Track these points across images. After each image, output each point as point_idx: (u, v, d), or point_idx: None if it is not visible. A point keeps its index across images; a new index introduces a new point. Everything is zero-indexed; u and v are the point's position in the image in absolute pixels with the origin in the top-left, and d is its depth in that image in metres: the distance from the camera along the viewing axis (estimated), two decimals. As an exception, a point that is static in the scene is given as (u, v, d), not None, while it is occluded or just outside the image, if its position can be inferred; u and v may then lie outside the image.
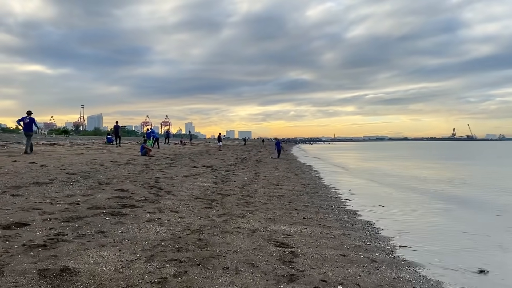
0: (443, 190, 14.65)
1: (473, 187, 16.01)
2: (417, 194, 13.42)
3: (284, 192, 11.49)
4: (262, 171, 18.48)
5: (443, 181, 18.22)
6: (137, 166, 15.37)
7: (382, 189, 14.67)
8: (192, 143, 58.63)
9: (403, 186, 15.75)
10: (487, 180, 19.36)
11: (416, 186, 15.97)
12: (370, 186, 15.71)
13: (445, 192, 14.06)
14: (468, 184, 17.01)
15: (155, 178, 11.96)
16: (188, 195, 9.40)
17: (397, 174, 21.93)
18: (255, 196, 10.20)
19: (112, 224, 5.97)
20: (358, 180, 18.11)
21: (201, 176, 13.69)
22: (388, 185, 15.92)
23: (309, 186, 13.76)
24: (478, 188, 15.48)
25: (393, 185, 16.15)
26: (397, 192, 13.84)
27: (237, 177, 14.47)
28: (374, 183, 16.66)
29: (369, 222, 8.12)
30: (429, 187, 15.58)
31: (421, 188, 15.33)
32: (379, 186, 15.78)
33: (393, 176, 20.72)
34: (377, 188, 14.97)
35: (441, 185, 16.34)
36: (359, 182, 17.15)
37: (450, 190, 14.73)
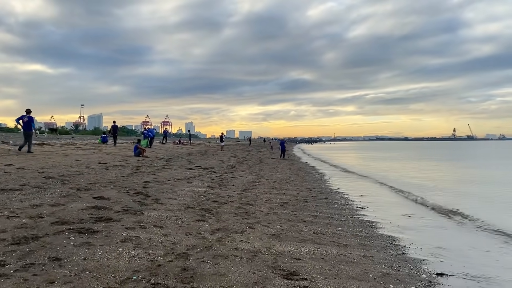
0: (467, 195, 13.41)
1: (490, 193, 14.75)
2: (439, 201, 12.17)
3: (289, 198, 10.23)
4: (263, 173, 17.23)
5: (460, 184, 16.98)
6: (127, 168, 14.11)
7: (394, 194, 13.41)
8: (192, 143, 57.37)
9: (419, 190, 14.50)
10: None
11: (434, 192, 14.71)
12: (381, 190, 14.45)
13: (473, 197, 12.82)
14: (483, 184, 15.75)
15: (143, 182, 10.70)
16: (179, 203, 8.14)
17: (407, 176, 20.67)
18: (255, 203, 8.95)
19: (75, 247, 4.72)
20: (367, 183, 16.86)
21: (197, 180, 12.44)
22: (400, 189, 14.66)
23: (315, 190, 12.51)
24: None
25: (405, 188, 14.90)
26: (411, 198, 12.58)
27: (236, 181, 13.22)
28: (385, 187, 15.40)
29: (391, 237, 6.86)
30: (450, 192, 14.33)
31: (441, 193, 14.07)
32: (391, 191, 14.51)
33: (404, 178, 19.47)
34: (389, 193, 13.71)
35: (462, 188, 15.10)
36: (368, 185, 15.90)
37: (474, 191, 13.49)
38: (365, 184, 16.45)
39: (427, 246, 6.37)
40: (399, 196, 12.98)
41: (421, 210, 10.28)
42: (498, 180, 19.70)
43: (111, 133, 31.92)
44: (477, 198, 12.81)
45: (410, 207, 10.72)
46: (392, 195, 13.23)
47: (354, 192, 12.90)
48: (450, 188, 15.52)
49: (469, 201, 12.14)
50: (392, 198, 12.38)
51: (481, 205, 11.27)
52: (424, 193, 13.25)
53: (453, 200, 12.00)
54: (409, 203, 11.48)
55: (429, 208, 10.51)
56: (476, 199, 12.56)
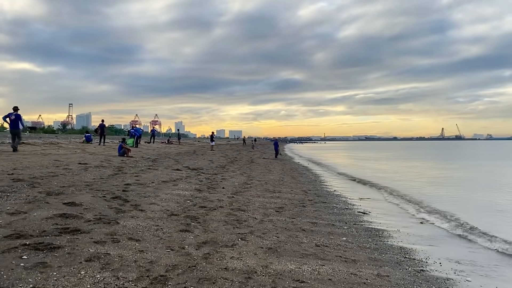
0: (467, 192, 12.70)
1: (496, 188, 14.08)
2: (443, 207, 11.41)
3: (284, 202, 9.37)
4: (255, 174, 16.35)
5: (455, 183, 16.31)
6: (108, 169, 13.10)
7: (395, 199, 12.64)
8: (181, 143, 56.25)
9: (421, 194, 13.75)
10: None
11: (436, 196, 13.98)
12: (381, 194, 13.67)
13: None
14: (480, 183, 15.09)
15: (124, 185, 9.74)
16: (161, 209, 7.22)
17: (405, 178, 19.98)
18: (248, 209, 8.06)
19: (25, 270, 3.78)
20: (364, 185, 16.09)
21: (183, 182, 11.50)
22: (401, 193, 13.89)
23: (311, 193, 11.67)
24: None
25: (405, 191, 14.15)
26: (414, 202, 11.82)
27: (226, 182, 12.32)
28: (384, 190, 14.62)
29: (403, 249, 6.03)
30: (450, 193, 13.62)
31: (443, 198, 13.35)
32: (391, 194, 13.73)
33: (401, 180, 18.77)
34: (390, 197, 12.93)
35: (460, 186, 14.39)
36: (366, 188, 15.13)
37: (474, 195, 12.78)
38: (363, 186, 15.68)
39: (446, 260, 5.56)
40: (401, 200, 12.20)
41: (428, 216, 9.49)
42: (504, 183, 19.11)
43: (99, 132, 30.98)
44: (485, 206, 12.10)
45: (414, 212, 9.93)
46: (393, 199, 12.45)
47: (352, 195, 12.10)
48: (451, 192, 14.83)
49: (478, 208, 11.43)
50: (394, 202, 11.60)
51: (487, 214, 10.54)
52: (427, 197, 12.52)
53: (459, 206, 11.27)
54: (412, 207, 10.69)
55: (435, 214, 9.73)
56: (484, 207, 11.85)
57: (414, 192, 13.55)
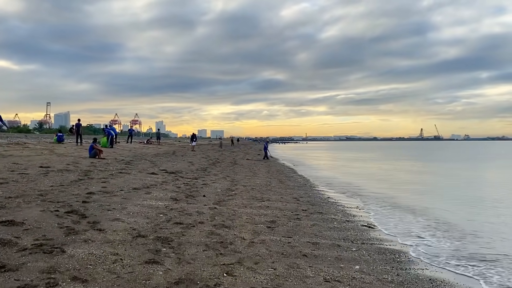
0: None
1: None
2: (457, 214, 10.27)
3: (275, 214, 8.03)
4: (239, 177, 14.98)
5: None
6: (72, 173, 11.53)
7: (396, 204, 11.46)
8: (160, 143, 54.39)
9: (422, 197, 12.64)
10: None
11: (441, 201, 12.89)
12: (378, 199, 12.47)
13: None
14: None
15: (87, 194, 8.23)
16: (126, 228, 5.79)
17: (400, 180, 18.96)
18: (233, 225, 6.69)
19: None
20: (357, 189, 14.90)
21: (158, 189, 10.05)
22: (399, 196, 12.75)
23: (304, 200, 10.37)
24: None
25: (403, 194, 13.03)
26: (419, 208, 10.65)
27: (208, 189, 10.92)
28: (380, 195, 13.45)
29: (434, 281, 4.77)
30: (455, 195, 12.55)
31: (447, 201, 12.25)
32: (389, 199, 12.57)
33: (396, 182, 17.71)
34: (390, 202, 11.74)
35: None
36: (360, 192, 13.93)
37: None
38: (356, 190, 14.49)
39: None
40: (403, 206, 11.03)
41: (443, 225, 8.31)
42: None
43: (74, 131, 29.26)
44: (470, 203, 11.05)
45: (424, 222, 8.74)
46: (394, 204, 11.26)
47: (348, 202, 10.87)
48: (452, 193, 13.80)
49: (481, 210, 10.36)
50: (396, 210, 10.41)
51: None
52: (431, 201, 11.39)
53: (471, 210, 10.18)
54: (419, 216, 9.50)
55: (451, 224, 8.56)
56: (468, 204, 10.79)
57: (412, 200, 12.43)
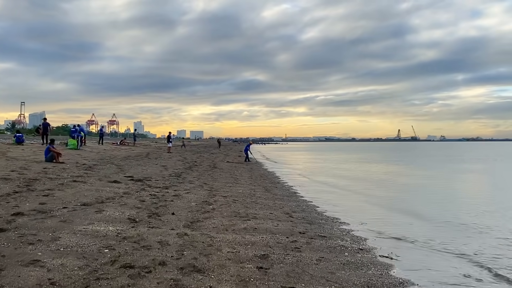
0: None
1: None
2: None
3: (265, 240, 6.05)
4: (219, 185, 12.96)
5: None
6: (10, 183, 9.27)
7: (400, 216, 9.66)
8: (136, 144, 51.68)
9: (429, 199, 10.90)
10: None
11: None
12: (379, 210, 10.66)
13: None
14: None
15: (12, 216, 6.08)
16: (40, 282, 3.71)
17: (398, 185, 17.30)
18: (209, 266, 4.68)
19: None
20: (350, 196, 13.09)
21: (115, 204, 7.94)
22: (403, 208, 10.98)
23: (298, 216, 8.43)
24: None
25: (403, 204, 11.28)
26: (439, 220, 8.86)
27: (180, 202, 8.86)
28: (377, 204, 11.66)
29: None
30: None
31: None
32: (391, 210, 10.77)
33: (393, 187, 16.03)
34: (393, 214, 9.94)
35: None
36: (354, 201, 12.12)
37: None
38: (349, 198, 12.68)
39: None
40: (408, 219, 9.23)
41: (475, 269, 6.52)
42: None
43: (41, 132, 26.82)
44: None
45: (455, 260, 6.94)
46: (397, 216, 9.46)
47: (348, 216, 8.99)
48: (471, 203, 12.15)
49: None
50: (402, 224, 8.59)
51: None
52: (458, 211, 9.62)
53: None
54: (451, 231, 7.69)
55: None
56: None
57: (413, 203, 10.69)
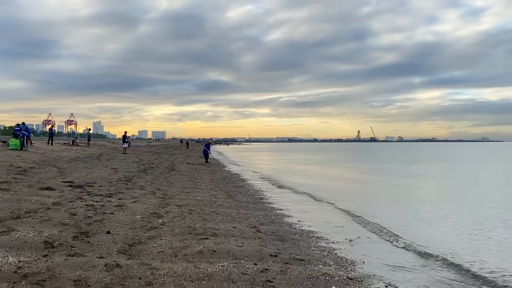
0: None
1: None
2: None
3: (227, 271, 4.55)
4: (175, 190, 11.32)
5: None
6: None
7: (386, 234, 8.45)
8: (90, 144, 48.59)
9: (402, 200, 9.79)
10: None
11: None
12: (357, 226, 9.42)
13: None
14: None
15: None
16: None
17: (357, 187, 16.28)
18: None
19: None
20: (321, 205, 11.84)
21: (34, 220, 6.17)
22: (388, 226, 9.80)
23: (267, 231, 6.98)
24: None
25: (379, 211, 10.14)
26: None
27: (121, 214, 7.20)
28: (354, 216, 10.45)
29: None
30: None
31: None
32: (375, 227, 9.57)
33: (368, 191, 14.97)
34: (378, 219, 8.72)
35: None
36: (327, 210, 10.87)
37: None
38: (321, 204, 11.43)
39: None
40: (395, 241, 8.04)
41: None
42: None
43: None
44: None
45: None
46: (381, 224, 8.25)
47: (324, 228, 7.67)
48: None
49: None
50: (389, 237, 7.37)
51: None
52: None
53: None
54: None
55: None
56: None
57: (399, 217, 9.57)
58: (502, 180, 21.79)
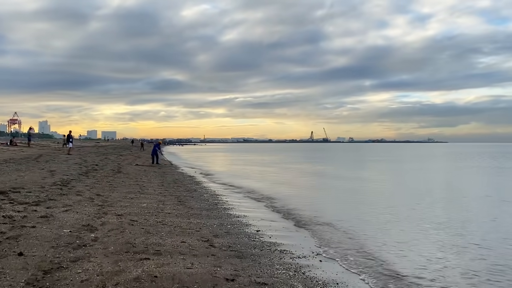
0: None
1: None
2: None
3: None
4: (117, 196, 10.03)
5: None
6: None
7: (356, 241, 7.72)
8: (31, 144, 45.11)
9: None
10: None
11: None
12: (330, 221, 8.66)
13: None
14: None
15: None
16: None
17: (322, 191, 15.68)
18: None
19: None
20: (288, 205, 11.02)
21: None
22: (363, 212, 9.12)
23: (221, 244, 5.98)
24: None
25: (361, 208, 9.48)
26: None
27: (45, 228, 5.92)
28: (324, 215, 9.69)
29: None
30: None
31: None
32: (341, 221, 8.83)
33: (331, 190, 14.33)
34: (348, 226, 7.98)
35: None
36: (292, 213, 10.05)
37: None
38: (280, 215, 10.60)
39: None
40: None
41: None
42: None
43: None
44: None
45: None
46: (351, 233, 7.53)
47: (288, 239, 6.82)
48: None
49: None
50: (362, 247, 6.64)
51: None
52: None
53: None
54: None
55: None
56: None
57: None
58: (430, 181, 22.19)
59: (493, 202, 13.25)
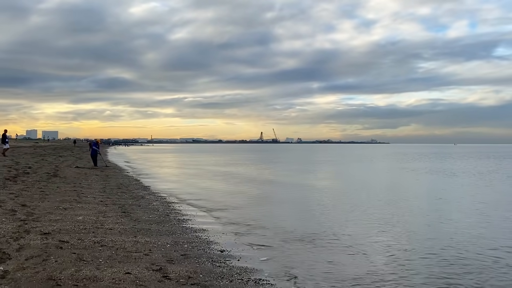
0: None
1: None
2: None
3: None
4: (47, 206, 8.33)
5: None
6: None
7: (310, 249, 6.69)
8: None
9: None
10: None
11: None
12: (293, 234, 7.57)
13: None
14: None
15: None
16: None
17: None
18: None
19: None
20: (255, 214, 9.84)
21: None
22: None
23: (177, 274, 4.64)
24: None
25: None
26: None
27: None
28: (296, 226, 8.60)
29: None
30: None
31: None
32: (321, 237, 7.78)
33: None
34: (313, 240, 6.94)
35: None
36: (261, 224, 8.90)
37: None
38: (245, 227, 9.42)
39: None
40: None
41: None
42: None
43: None
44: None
45: None
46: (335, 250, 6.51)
47: (263, 266, 5.66)
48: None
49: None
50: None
51: None
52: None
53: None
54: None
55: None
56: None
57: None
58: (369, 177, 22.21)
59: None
